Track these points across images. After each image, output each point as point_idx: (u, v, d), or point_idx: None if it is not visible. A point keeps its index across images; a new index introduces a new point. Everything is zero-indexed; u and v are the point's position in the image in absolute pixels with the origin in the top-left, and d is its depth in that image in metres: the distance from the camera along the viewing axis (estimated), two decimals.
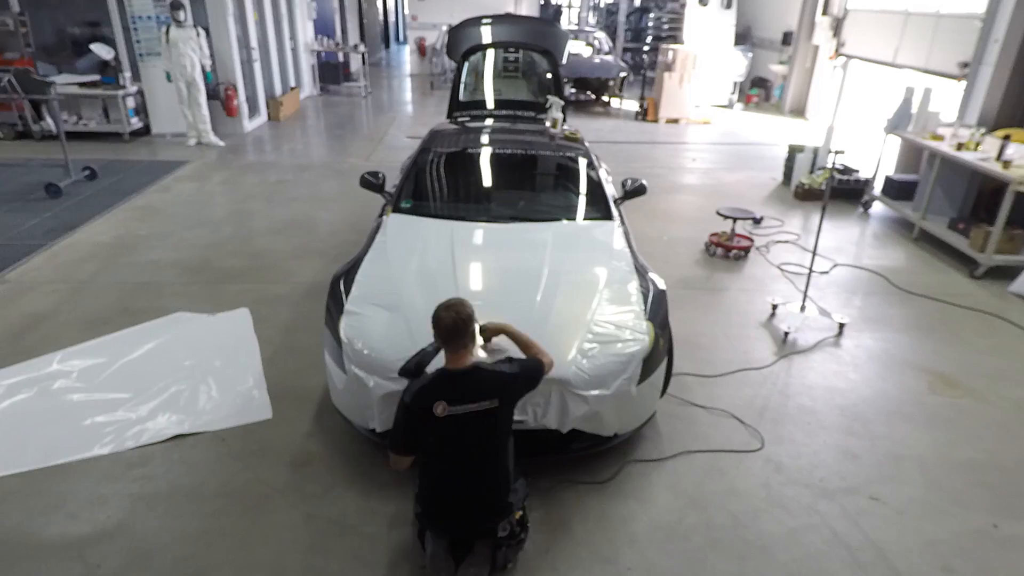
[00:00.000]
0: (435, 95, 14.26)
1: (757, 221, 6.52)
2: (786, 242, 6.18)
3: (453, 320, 2.40)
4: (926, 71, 9.06)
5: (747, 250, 5.83)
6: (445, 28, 13.51)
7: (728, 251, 5.76)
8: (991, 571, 2.72)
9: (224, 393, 3.63)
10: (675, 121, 11.80)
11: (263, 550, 2.70)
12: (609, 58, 13.61)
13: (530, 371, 2.56)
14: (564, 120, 5.28)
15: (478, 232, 3.91)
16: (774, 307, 4.80)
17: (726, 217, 5.80)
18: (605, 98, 13.56)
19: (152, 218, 6.42)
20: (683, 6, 13.64)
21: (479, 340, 2.59)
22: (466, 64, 5.92)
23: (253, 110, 10.54)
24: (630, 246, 3.85)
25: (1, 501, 2.91)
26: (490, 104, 6.07)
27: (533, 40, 6.00)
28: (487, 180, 4.60)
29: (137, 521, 2.82)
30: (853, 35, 11.29)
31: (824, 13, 11.73)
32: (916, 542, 2.84)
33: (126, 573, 2.58)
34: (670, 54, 11.63)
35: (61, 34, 9.78)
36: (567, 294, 3.27)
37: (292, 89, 12.29)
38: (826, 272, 5.56)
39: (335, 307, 3.24)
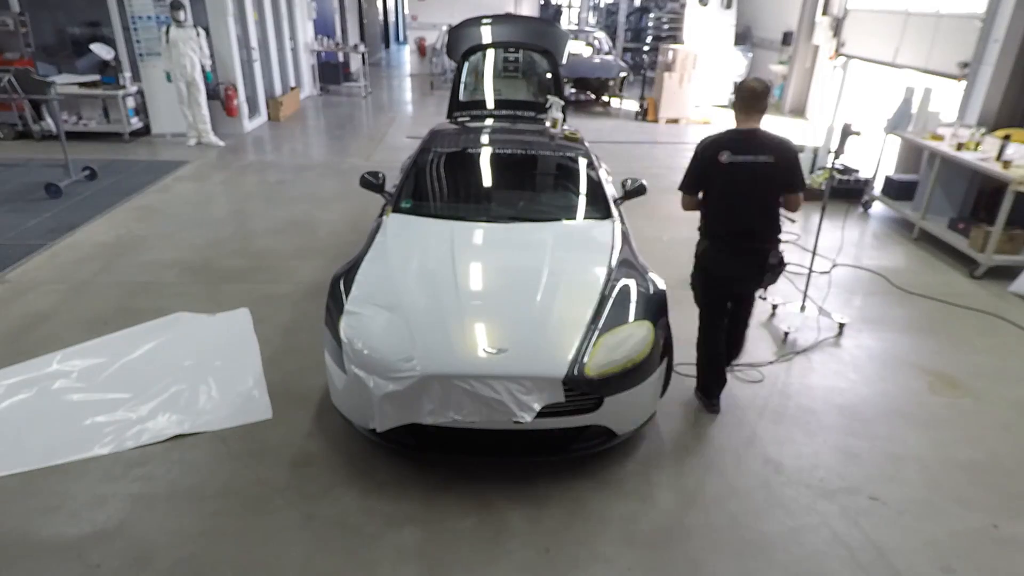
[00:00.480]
0: (435, 95, 14.26)
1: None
2: (786, 242, 6.17)
3: (759, 86, 3.14)
4: (926, 71, 9.06)
5: None
6: (445, 28, 13.50)
7: None
8: (991, 571, 2.72)
9: (224, 393, 3.63)
10: (675, 121, 11.80)
11: (263, 550, 2.70)
12: (609, 58, 13.61)
13: (799, 166, 3.30)
14: (564, 120, 5.27)
15: (478, 232, 3.91)
16: (774, 307, 4.81)
17: None
18: (605, 98, 13.56)
19: (152, 218, 6.42)
20: (683, 6, 13.65)
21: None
22: (466, 64, 5.92)
23: (253, 110, 10.55)
24: (630, 246, 3.86)
25: (1, 501, 2.91)
26: (490, 104, 6.07)
27: (533, 40, 6.00)
28: (487, 180, 4.60)
29: (137, 521, 2.82)
30: (853, 35, 11.29)
31: (824, 13, 11.72)
32: (916, 542, 2.84)
33: (126, 573, 2.58)
34: (670, 54, 11.63)
35: (61, 34, 9.79)
36: (567, 294, 3.26)
37: (292, 89, 12.30)
38: (826, 272, 5.56)
39: (335, 307, 3.24)
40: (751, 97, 3.14)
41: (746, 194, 3.22)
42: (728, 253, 3.36)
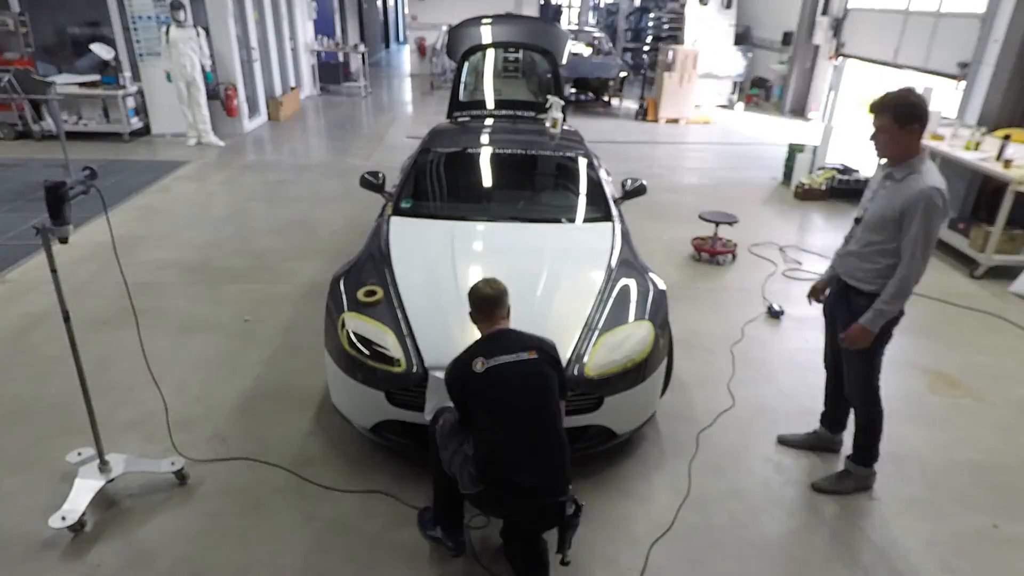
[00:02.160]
0: (435, 95, 14.27)
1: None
2: (790, 246, 6.18)
3: (494, 292, 2.55)
4: (926, 71, 9.06)
5: (732, 253, 5.79)
6: (445, 28, 13.50)
7: (712, 255, 5.73)
8: (991, 571, 2.71)
9: None
10: (675, 121, 11.81)
11: (263, 550, 2.70)
12: (609, 58, 13.61)
13: (552, 350, 2.51)
14: (564, 120, 5.27)
15: (478, 232, 3.91)
16: (770, 308, 4.81)
17: (707, 221, 5.77)
18: (605, 98, 13.56)
19: (152, 218, 6.42)
20: (683, 6, 13.63)
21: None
22: (466, 64, 5.91)
23: (253, 110, 10.55)
24: (630, 246, 3.85)
25: (1, 501, 2.91)
26: (490, 104, 6.06)
27: (533, 40, 5.99)
28: (487, 180, 4.60)
29: (137, 521, 2.82)
30: (853, 35, 11.29)
31: (824, 13, 11.73)
32: (916, 542, 2.84)
33: (126, 573, 2.58)
34: (670, 54, 11.63)
35: (61, 34, 9.78)
36: (567, 294, 3.26)
37: (292, 89, 12.29)
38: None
39: (335, 307, 3.24)
40: (484, 305, 2.53)
41: (516, 411, 2.36)
42: (508, 499, 2.37)
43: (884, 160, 2.75)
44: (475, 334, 2.96)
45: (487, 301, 2.53)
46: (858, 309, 2.79)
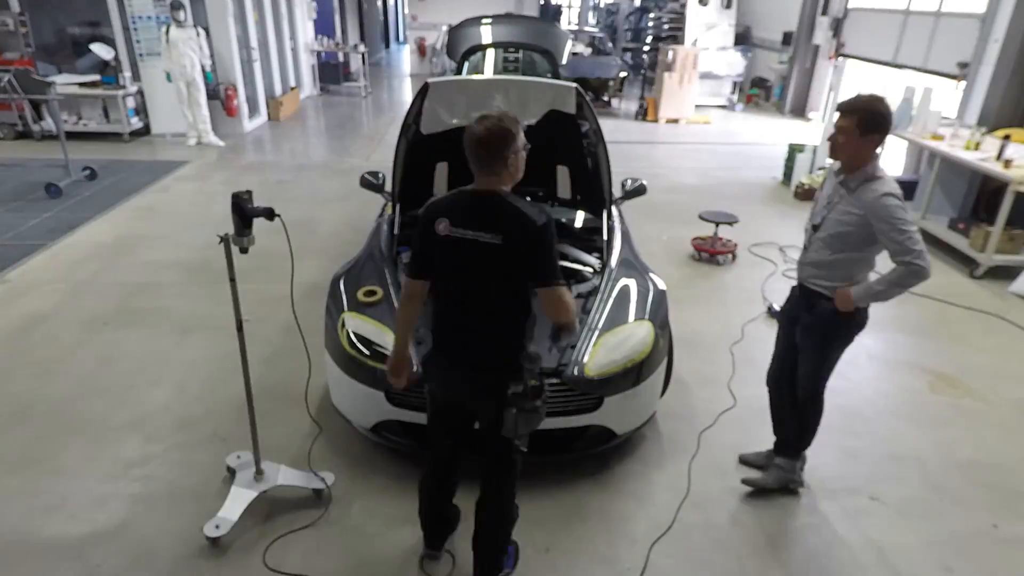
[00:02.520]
0: None
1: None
2: (790, 246, 6.18)
3: (482, 133, 2.03)
4: (926, 71, 9.06)
5: (732, 253, 5.78)
6: (445, 28, 13.50)
7: (712, 255, 5.73)
8: (991, 571, 2.72)
9: None
10: (675, 121, 11.81)
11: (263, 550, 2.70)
12: (609, 58, 13.61)
13: (549, 250, 2.10)
14: None
15: None
16: (770, 308, 4.81)
17: (707, 221, 5.77)
18: (605, 98, 13.56)
19: (152, 218, 6.42)
20: (683, 6, 13.64)
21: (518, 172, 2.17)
22: (466, 64, 5.92)
23: (253, 110, 10.55)
24: (630, 246, 3.85)
25: (1, 501, 2.91)
26: None
27: (533, 40, 6.00)
28: None
29: (137, 521, 2.82)
30: (853, 35, 11.29)
31: (824, 13, 11.73)
32: (916, 542, 2.84)
33: (126, 573, 2.58)
34: (670, 54, 11.64)
35: (61, 34, 9.78)
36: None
37: (292, 89, 12.29)
38: None
39: (335, 307, 3.24)
40: (477, 146, 2.05)
41: (464, 286, 2.20)
42: (446, 365, 2.32)
43: (837, 164, 2.68)
44: None
45: (478, 142, 2.04)
46: (822, 311, 2.71)
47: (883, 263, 2.56)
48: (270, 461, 2.96)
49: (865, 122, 2.49)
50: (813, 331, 2.78)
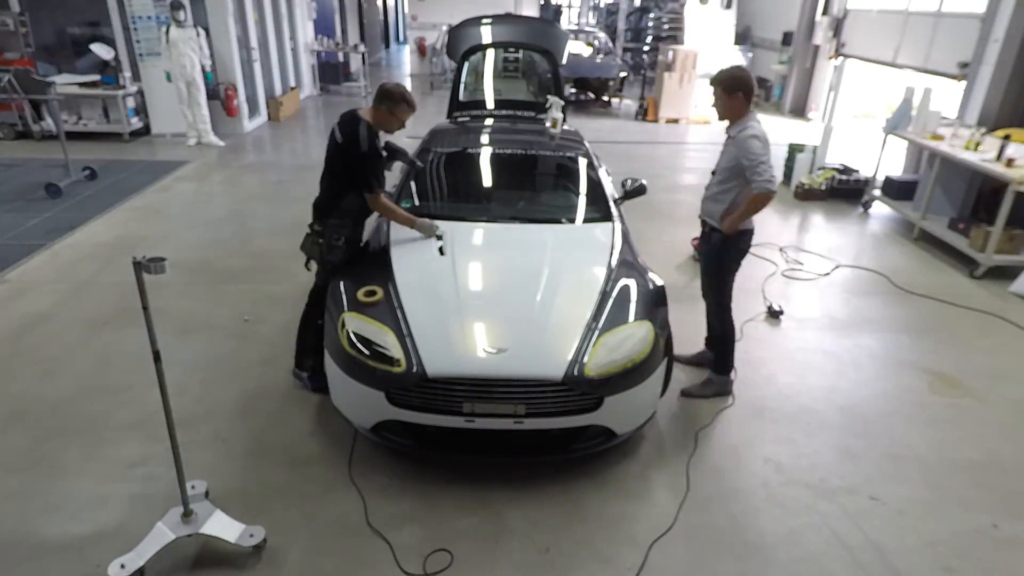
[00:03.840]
0: (435, 95, 14.26)
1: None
2: (790, 246, 6.18)
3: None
4: (926, 71, 9.07)
5: None
6: (445, 28, 13.50)
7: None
8: (991, 571, 2.71)
9: None
10: (675, 121, 11.82)
11: (262, 550, 2.70)
12: (609, 58, 13.61)
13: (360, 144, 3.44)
14: (564, 120, 5.27)
15: (478, 232, 3.91)
16: (770, 308, 4.81)
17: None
18: (605, 98, 13.57)
19: (152, 218, 6.42)
20: (683, 6, 13.65)
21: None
22: (466, 64, 5.91)
23: (253, 110, 10.55)
24: (630, 246, 3.85)
25: (1, 501, 2.91)
26: (490, 104, 6.06)
27: (533, 40, 5.99)
28: (487, 180, 4.59)
29: (137, 521, 2.82)
30: (853, 35, 11.29)
31: (824, 13, 11.73)
32: (916, 542, 2.84)
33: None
34: (670, 54, 11.64)
35: (61, 34, 9.78)
36: (567, 294, 3.26)
37: (292, 89, 12.30)
38: (827, 274, 5.56)
39: (335, 307, 3.24)
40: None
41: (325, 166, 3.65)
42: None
43: (725, 123, 3.43)
44: (475, 333, 2.98)
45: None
46: (716, 241, 3.52)
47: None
48: (210, 503, 2.74)
49: (726, 85, 3.29)
50: (708, 258, 3.67)
